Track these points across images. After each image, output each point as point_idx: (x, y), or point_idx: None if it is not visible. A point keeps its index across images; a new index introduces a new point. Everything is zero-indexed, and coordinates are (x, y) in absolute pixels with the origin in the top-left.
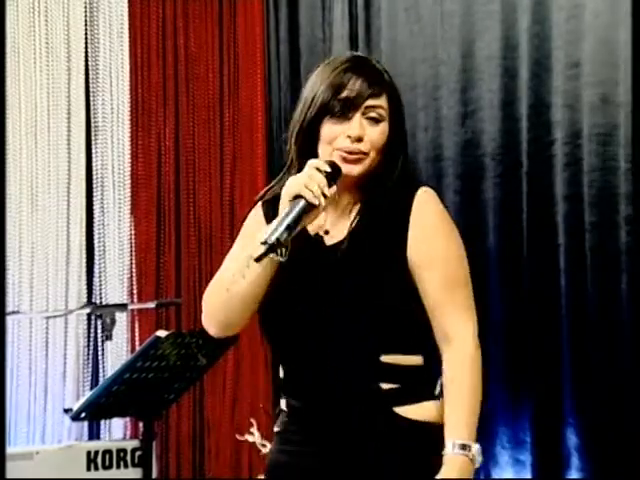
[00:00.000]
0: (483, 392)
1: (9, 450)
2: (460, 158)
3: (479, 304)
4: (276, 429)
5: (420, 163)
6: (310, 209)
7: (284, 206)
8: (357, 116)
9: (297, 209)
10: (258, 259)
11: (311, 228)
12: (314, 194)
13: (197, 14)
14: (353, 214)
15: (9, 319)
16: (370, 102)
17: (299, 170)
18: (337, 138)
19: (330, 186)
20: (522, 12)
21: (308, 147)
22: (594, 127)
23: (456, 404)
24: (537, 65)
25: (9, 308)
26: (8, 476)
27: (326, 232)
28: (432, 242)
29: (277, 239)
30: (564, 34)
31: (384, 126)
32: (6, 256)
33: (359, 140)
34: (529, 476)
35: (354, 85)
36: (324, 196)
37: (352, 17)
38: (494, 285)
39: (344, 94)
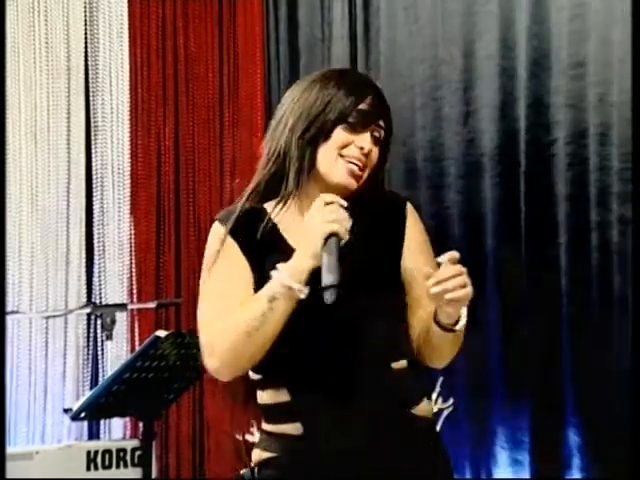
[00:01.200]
0: (482, 391)
1: (9, 450)
2: (461, 158)
3: (479, 303)
4: (273, 455)
5: (419, 162)
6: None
7: (312, 243)
8: (368, 131)
9: (335, 247)
10: (331, 301)
11: (293, 242)
12: (346, 231)
13: (197, 14)
14: None
15: (9, 319)
16: (379, 122)
17: (297, 169)
18: (348, 146)
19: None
20: (521, 12)
21: (313, 147)
22: (594, 127)
23: None
24: (536, 65)
25: (9, 308)
26: (8, 476)
27: None
28: (427, 255)
29: (337, 279)
30: (566, 34)
31: (379, 150)
32: (6, 256)
33: (366, 156)
34: (528, 476)
35: (373, 101)
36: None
37: (351, 17)
38: (494, 284)
39: (363, 107)
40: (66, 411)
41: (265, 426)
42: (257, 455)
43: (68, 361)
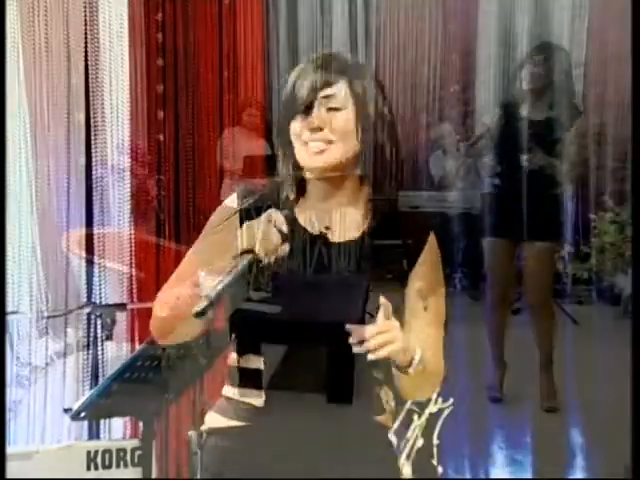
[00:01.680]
0: (482, 391)
1: (9, 450)
2: (462, 157)
3: (478, 302)
4: (240, 423)
5: (420, 163)
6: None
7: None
8: (316, 108)
9: (242, 266)
10: (198, 314)
11: (311, 227)
12: (267, 253)
13: (197, 14)
14: (356, 210)
15: (9, 319)
16: (325, 92)
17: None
18: (302, 133)
19: (283, 243)
20: (521, 12)
21: (286, 147)
22: (594, 127)
23: None
24: None
25: (9, 308)
26: (8, 476)
27: (327, 227)
28: (437, 282)
29: (218, 295)
30: (566, 35)
31: (347, 113)
32: (6, 256)
33: (320, 130)
34: (528, 476)
35: (307, 80)
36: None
37: (351, 17)
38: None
39: (300, 92)
40: (66, 411)
41: (227, 390)
42: (210, 419)
43: (68, 361)
